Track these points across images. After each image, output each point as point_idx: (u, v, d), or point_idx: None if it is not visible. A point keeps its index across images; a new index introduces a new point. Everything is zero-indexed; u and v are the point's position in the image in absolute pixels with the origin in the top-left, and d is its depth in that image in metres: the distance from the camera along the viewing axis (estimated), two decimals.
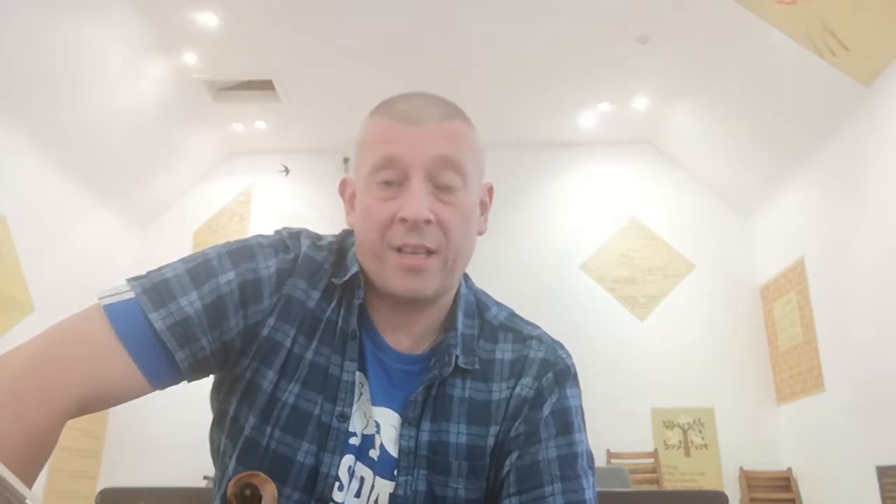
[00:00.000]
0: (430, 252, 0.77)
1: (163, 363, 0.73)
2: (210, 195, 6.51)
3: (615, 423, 5.43)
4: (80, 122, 4.93)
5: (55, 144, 4.90)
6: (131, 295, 0.74)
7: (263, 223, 6.31)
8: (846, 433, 4.46)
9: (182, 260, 0.80)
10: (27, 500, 0.41)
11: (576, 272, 6.09)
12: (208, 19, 4.78)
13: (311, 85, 5.57)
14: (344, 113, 5.42)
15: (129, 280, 0.76)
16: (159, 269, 0.78)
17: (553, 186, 6.38)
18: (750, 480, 5.22)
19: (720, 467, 5.48)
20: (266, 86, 5.61)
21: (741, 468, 5.30)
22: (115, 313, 0.72)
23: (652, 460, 5.45)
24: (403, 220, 0.75)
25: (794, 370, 5.23)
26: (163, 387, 0.75)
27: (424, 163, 0.77)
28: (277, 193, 6.47)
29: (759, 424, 5.54)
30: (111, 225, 5.88)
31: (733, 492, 5.19)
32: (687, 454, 5.56)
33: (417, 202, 0.75)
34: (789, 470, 5.23)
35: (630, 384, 5.63)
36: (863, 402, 4.26)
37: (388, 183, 0.77)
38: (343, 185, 0.87)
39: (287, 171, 6.50)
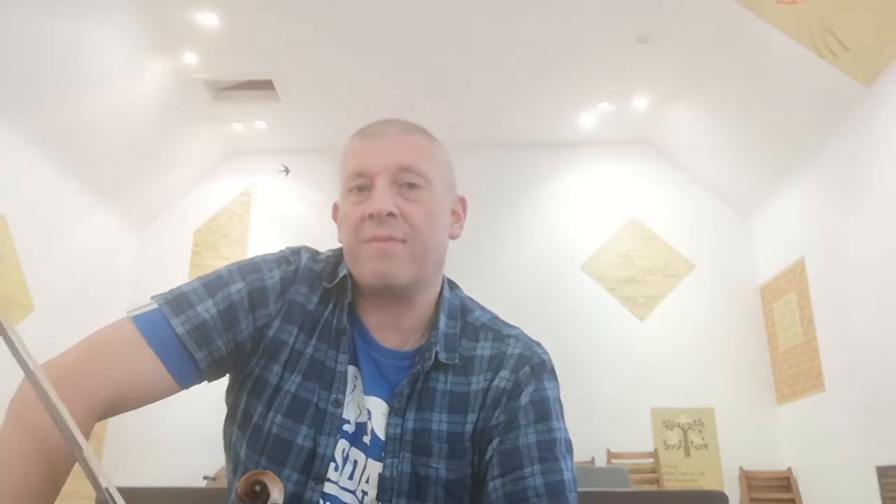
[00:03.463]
0: (398, 240, 0.87)
1: (186, 363, 0.83)
2: (210, 195, 6.51)
3: (615, 423, 5.44)
4: (80, 122, 4.93)
5: (55, 144, 4.90)
6: (155, 306, 0.85)
7: (263, 223, 6.32)
8: (846, 433, 4.47)
9: (198, 278, 0.91)
10: (84, 450, 0.51)
11: (576, 272, 6.10)
12: (208, 19, 4.78)
13: (311, 85, 5.57)
14: (344, 113, 5.42)
15: (152, 297, 0.87)
16: (178, 287, 0.89)
17: (553, 186, 6.38)
18: (750, 480, 5.23)
19: (720, 467, 5.48)
20: (266, 86, 5.61)
21: (741, 468, 5.30)
22: (143, 322, 0.83)
23: (652, 460, 5.45)
24: (371, 216, 0.86)
25: (794, 370, 5.24)
26: (187, 385, 0.85)
27: (387, 168, 0.88)
28: (277, 193, 6.47)
29: (759, 424, 5.54)
30: (111, 225, 5.88)
31: (733, 492, 5.19)
32: (687, 454, 5.56)
33: (380, 199, 0.86)
34: (789, 470, 5.23)
35: (630, 384, 5.63)
36: (863, 402, 4.26)
37: (359, 190, 0.89)
38: (335, 210, 0.97)
39: (287, 171, 6.50)
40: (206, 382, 0.88)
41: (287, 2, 4.62)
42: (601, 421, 5.33)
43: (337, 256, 0.97)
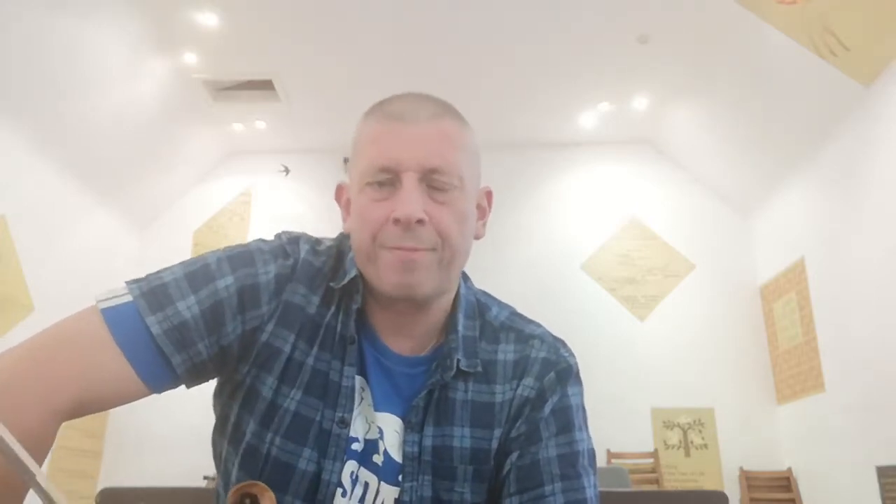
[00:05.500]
0: (426, 250, 0.77)
1: (160, 367, 0.73)
2: (210, 195, 6.51)
3: (615, 423, 5.43)
4: (80, 122, 4.93)
5: (55, 144, 4.90)
6: (129, 298, 0.74)
7: (263, 223, 6.32)
8: (846, 433, 4.46)
9: (182, 264, 0.80)
10: (37, 476, 0.42)
11: (576, 272, 6.09)
12: (208, 19, 4.78)
13: (311, 85, 5.57)
14: (344, 113, 5.39)
15: (127, 283, 0.76)
16: (158, 273, 0.78)
17: (553, 186, 6.38)
18: (750, 480, 5.22)
19: (720, 467, 5.48)
20: (266, 86, 5.60)
21: (741, 468, 5.30)
22: (113, 317, 0.72)
23: (652, 460, 5.45)
24: (397, 221, 0.74)
25: (794, 370, 5.24)
26: (160, 391, 0.75)
27: (417, 162, 0.75)
28: (277, 193, 6.47)
29: (759, 424, 5.53)
30: (111, 225, 5.88)
31: (733, 492, 5.19)
32: (687, 454, 5.56)
33: (410, 202, 0.74)
34: (789, 470, 5.23)
35: (630, 384, 5.63)
36: (863, 402, 4.26)
37: (381, 184, 0.76)
38: (339, 192, 0.87)
39: (287, 171, 6.50)
40: (183, 387, 0.79)
41: (287, 2, 4.62)
42: (601, 421, 5.28)
43: (340, 247, 0.87)
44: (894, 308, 3.95)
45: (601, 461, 5.29)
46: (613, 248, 6.15)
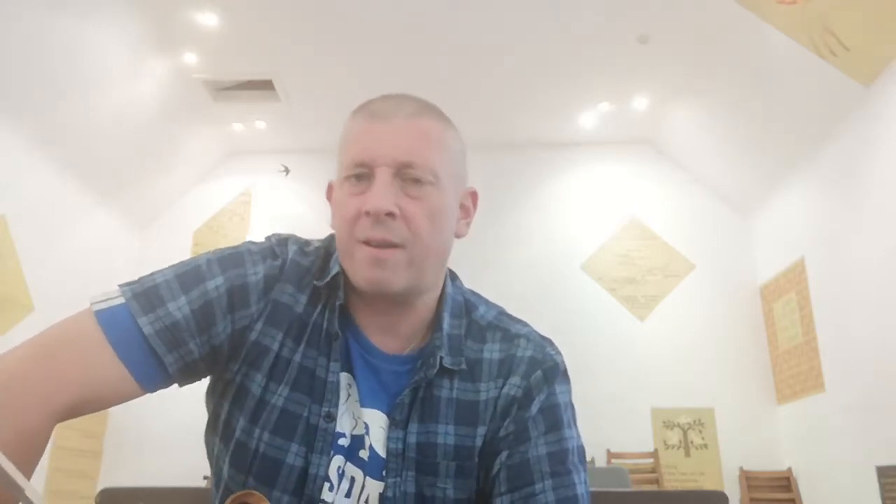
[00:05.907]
0: (395, 246, 0.77)
1: (152, 367, 0.75)
2: (210, 195, 6.51)
3: (615, 423, 5.43)
4: (80, 122, 4.93)
5: (55, 144, 4.90)
6: (121, 300, 0.76)
7: (263, 223, 6.32)
8: (846, 433, 4.46)
9: (172, 266, 0.82)
10: (25, 490, 0.42)
11: (576, 272, 6.09)
12: (208, 19, 4.78)
13: (311, 85, 5.57)
14: (344, 113, 5.31)
15: (120, 286, 0.78)
16: (150, 275, 0.80)
17: (553, 186, 6.38)
18: (750, 480, 5.22)
19: (720, 467, 5.48)
20: (266, 86, 5.61)
21: (741, 468, 5.30)
22: (106, 318, 0.74)
23: (652, 460, 5.45)
24: (367, 214, 0.76)
25: (794, 370, 5.24)
26: (153, 390, 0.77)
27: (391, 157, 0.77)
28: (277, 193, 6.48)
29: (759, 424, 5.54)
30: (111, 225, 5.88)
31: (733, 492, 5.19)
32: (687, 454, 5.56)
33: (379, 195, 0.76)
34: (789, 470, 5.23)
35: (630, 384, 5.63)
36: (863, 402, 4.26)
37: (357, 178, 0.79)
38: (329, 190, 0.89)
39: (287, 171, 6.50)
40: (176, 386, 0.80)
41: (287, 2, 4.62)
42: (601, 421, 5.33)
43: (327, 247, 0.88)
44: (894, 308, 3.95)
45: (601, 461, 5.29)
46: (613, 248, 6.16)
